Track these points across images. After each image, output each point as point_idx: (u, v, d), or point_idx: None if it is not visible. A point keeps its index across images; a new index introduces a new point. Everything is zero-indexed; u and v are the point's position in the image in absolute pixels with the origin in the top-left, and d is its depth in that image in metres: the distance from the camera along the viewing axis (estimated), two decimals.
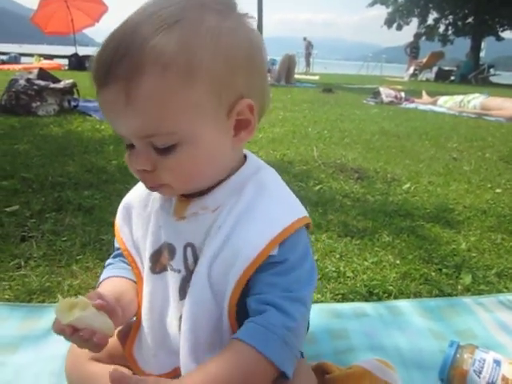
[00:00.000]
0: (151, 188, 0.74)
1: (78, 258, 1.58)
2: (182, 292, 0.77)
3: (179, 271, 0.78)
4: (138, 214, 0.86)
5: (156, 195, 0.84)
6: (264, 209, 0.74)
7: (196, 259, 0.76)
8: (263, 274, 0.71)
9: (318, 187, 2.54)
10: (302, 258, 0.74)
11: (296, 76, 12.31)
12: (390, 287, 1.49)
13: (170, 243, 0.79)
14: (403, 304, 1.39)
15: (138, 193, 0.88)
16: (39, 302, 1.33)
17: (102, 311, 0.70)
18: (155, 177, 0.70)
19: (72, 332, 0.66)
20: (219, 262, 0.73)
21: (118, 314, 0.75)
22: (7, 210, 1.93)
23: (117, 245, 0.90)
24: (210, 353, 0.73)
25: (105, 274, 0.88)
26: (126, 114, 0.64)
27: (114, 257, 0.92)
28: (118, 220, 0.89)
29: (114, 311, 0.73)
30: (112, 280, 0.86)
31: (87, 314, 0.67)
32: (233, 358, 0.66)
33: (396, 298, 1.44)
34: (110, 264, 0.91)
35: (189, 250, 0.77)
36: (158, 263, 0.81)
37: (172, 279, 0.79)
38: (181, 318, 0.77)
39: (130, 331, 0.85)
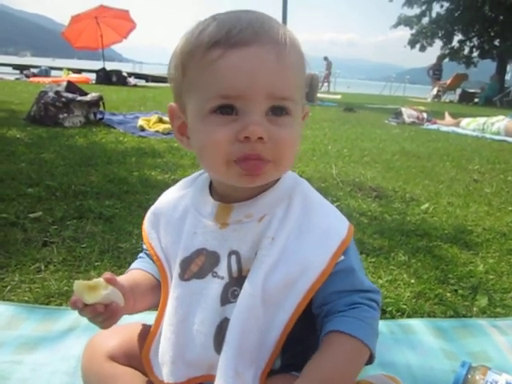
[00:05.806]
0: (253, 165, 0.70)
1: (96, 264, 1.62)
2: (225, 298, 0.78)
3: (222, 278, 0.78)
4: (167, 221, 0.87)
5: (189, 201, 0.85)
6: (319, 222, 0.79)
7: (240, 267, 0.78)
8: (335, 281, 0.76)
9: (335, 204, 2.52)
10: (357, 258, 0.82)
11: (318, 95, 12.39)
12: (404, 306, 1.48)
13: (213, 250, 0.80)
14: (416, 323, 1.37)
15: (167, 200, 0.90)
16: (57, 304, 1.37)
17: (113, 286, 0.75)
18: (265, 149, 0.70)
19: (91, 310, 0.72)
20: (278, 274, 0.75)
21: (130, 300, 0.78)
22: (31, 215, 2.00)
23: (145, 246, 0.92)
24: (250, 365, 0.74)
25: (132, 265, 0.93)
26: (275, 71, 0.70)
27: (145, 253, 0.95)
28: (146, 226, 0.90)
29: (125, 293, 0.77)
30: (134, 271, 0.90)
31: (109, 291, 0.73)
32: (343, 352, 0.71)
33: (409, 316, 1.43)
34: (140, 257, 0.95)
35: (233, 257, 0.78)
36: (188, 270, 0.81)
37: (214, 285, 0.79)
38: (220, 324, 0.77)
39: (148, 335, 0.86)
